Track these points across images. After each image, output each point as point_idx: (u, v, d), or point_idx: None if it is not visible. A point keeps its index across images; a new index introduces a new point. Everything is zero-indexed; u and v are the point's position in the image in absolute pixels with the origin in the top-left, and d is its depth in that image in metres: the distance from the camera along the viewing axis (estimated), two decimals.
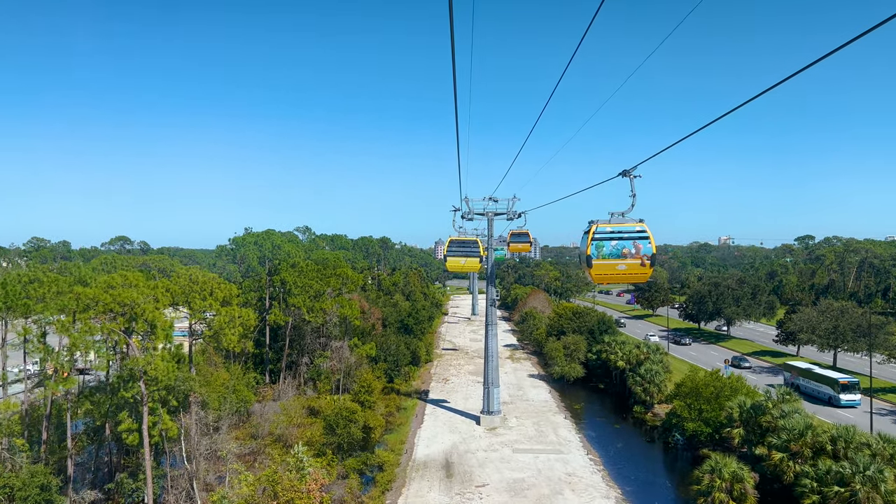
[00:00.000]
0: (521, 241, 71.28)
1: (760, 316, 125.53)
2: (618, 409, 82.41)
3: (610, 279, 25.10)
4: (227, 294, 51.03)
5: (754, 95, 13.64)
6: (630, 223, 24.58)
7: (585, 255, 24.37)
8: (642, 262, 24.25)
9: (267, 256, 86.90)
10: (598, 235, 24.33)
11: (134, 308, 36.49)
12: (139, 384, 37.35)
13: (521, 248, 72.20)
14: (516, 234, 71.79)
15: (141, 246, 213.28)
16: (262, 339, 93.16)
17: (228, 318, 49.73)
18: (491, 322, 72.20)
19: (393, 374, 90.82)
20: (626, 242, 24.22)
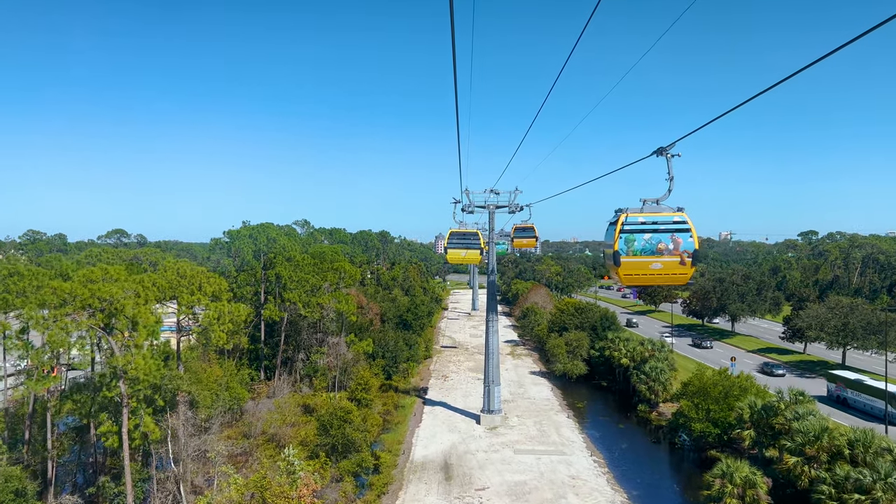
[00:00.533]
0: (526, 236, 67.63)
1: (765, 312, 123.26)
2: (621, 407, 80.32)
3: (642, 280, 20.73)
4: (217, 288, 48.80)
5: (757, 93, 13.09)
6: (667, 212, 20.31)
7: (612, 252, 20.11)
8: (682, 259, 20.09)
9: (262, 250, 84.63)
10: (628, 227, 20.12)
11: (113, 303, 34.27)
12: (119, 384, 35.14)
13: (525, 243, 68.53)
14: (521, 229, 68.03)
15: (138, 239, 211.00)
16: (257, 334, 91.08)
17: (217, 313, 47.49)
18: (492, 318, 69.99)
19: (391, 370, 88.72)
20: (663, 236, 20.06)
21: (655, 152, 19.53)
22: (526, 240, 67.76)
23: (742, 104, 14.09)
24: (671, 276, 20.49)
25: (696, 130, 17.63)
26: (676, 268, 20.18)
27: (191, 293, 46.81)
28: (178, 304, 47.49)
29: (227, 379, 74.23)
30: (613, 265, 20.36)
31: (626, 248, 20.03)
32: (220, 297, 49.09)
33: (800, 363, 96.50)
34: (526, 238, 67.62)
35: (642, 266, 20.13)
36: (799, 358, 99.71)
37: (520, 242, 68.45)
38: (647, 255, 20.04)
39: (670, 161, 19.74)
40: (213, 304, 48.68)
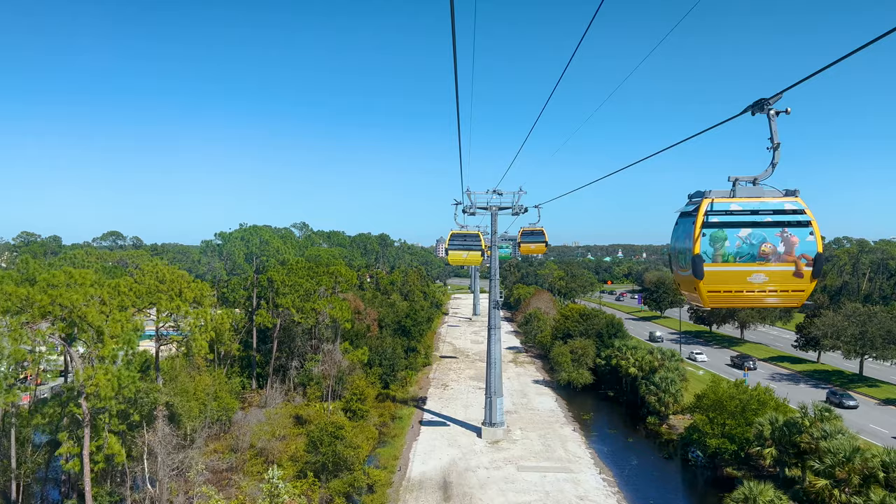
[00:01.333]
0: (535, 241, 61.78)
1: (776, 319, 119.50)
2: (629, 419, 76.62)
3: (737, 299, 13.26)
4: (198, 294, 45.29)
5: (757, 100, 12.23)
6: (773, 196, 13.19)
7: (690, 255, 13.05)
8: (797, 268, 12.82)
9: (254, 253, 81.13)
10: (716, 218, 12.96)
11: (74, 311, 30.76)
12: (81, 401, 31.60)
13: (534, 248, 62.60)
14: (529, 233, 62.19)
15: (134, 241, 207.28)
16: (250, 340, 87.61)
17: (199, 321, 43.97)
18: (494, 326, 66.41)
19: (388, 379, 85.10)
20: (769, 231, 12.88)
21: (753, 107, 13.04)
22: (534, 245, 62.08)
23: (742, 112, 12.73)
24: (781, 293, 13.12)
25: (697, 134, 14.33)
26: (790, 281, 12.97)
27: (170, 299, 43.25)
28: (157, 312, 43.91)
29: (215, 388, 70.85)
30: (691, 276, 13.19)
31: (713, 250, 13.00)
32: (202, 304, 45.53)
33: (814, 373, 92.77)
34: (534, 243, 61.92)
35: (737, 278, 13.08)
36: (812, 367, 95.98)
37: (527, 248, 62.69)
38: (746, 262, 12.94)
39: (774, 121, 13.10)
40: (195, 311, 45.11)
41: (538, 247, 62.61)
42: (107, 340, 32.52)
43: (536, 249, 62.99)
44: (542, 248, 63.04)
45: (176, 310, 43.15)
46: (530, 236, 62.26)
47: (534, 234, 62.12)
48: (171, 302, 42.69)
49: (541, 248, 62.84)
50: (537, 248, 62.86)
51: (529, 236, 62.30)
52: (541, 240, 61.94)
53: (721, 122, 14.82)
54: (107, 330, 32.50)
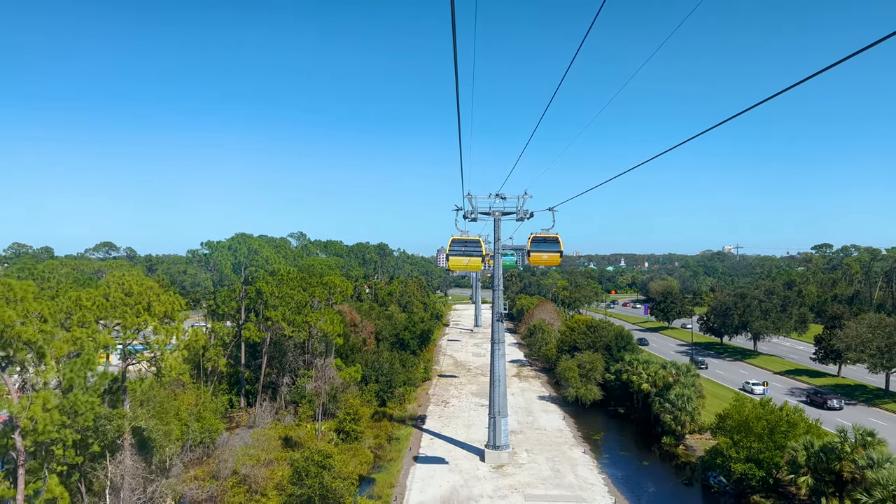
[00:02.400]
0: (549, 250, 53.30)
1: (791, 330, 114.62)
2: (643, 439, 71.61)
3: None
4: (170, 308, 40.57)
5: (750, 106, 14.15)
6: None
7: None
8: None
9: (242, 263, 76.46)
10: None
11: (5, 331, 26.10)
12: (14, 436, 26.85)
13: (547, 258, 53.72)
14: (541, 241, 53.98)
15: (127, 252, 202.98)
16: (240, 355, 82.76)
17: (168, 339, 39.27)
18: (498, 340, 61.57)
19: (385, 396, 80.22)
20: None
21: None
22: (547, 254, 53.35)
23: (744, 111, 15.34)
24: None
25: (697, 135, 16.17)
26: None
27: (136, 314, 38.55)
28: (122, 328, 39.21)
29: (199, 408, 66.06)
30: None
31: None
32: (172, 319, 40.81)
33: (835, 388, 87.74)
34: (547, 252, 53.17)
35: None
36: (834, 381, 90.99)
37: (538, 258, 53.87)
38: None
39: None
40: (166, 327, 40.40)
41: (552, 257, 53.48)
42: (49, 363, 27.85)
43: (550, 260, 53.62)
44: (556, 259, 53.57)
45: (143, 325, 38.42)
46: (542, 244, 53.71)
47: (547, 241, 53.53)
48: (136, 317, 37.95)
49: (555, 258, 53.51)
50: (551, 259, 53.64)
51: (542, 244, 53.77)
52: (555, 249, 53.21)
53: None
54: (49, 351, 27.84)
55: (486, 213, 62.19)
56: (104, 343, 38.16)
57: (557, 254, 53.67)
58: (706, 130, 16.12)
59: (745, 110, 16.01)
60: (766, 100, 14.28)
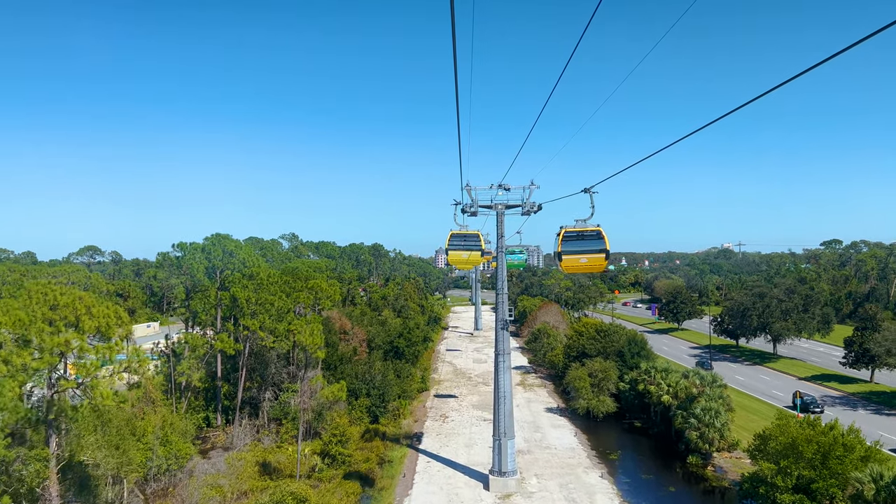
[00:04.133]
0: (588, 250, 37.55)
1: (814, 331, 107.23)
2: (664, 458, 64.09)
3: None
4: (104, 322, 33.08)
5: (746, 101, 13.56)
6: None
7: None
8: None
9: (217, 266, 68.95)
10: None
11: None
12: None
13: (588, 263, 37.94)
14: (577, 237, 37.98)
15: (112, 257, 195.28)
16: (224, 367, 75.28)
17: (101, 360, 31.80)
18: (502, 351, 54.00)
19: (378, 411, 72.72)
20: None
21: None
22: (587, 256, 37.47)
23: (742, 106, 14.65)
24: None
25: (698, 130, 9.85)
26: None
27: (56, 332, 31.05)
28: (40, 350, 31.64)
29: (165, 430, 58.57)
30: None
31: None
32: (108, 336, 33.31)
33: (870, 395, 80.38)
34: (587, 253, 37.37)
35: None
36: (867, 388, 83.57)
37: (573, 262, 37.69)
38: None
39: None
40: (98, 347, 32.89)
41: (593, 260, 37.66)
42: None
43: (591, 265, 37.78)
44: (599, 264, 37.91)
45: (64, 346, 30.91)
46: (579, 242, 37.82)
47: (585, 237, 37.52)
48: (53, 337, 30.44)
49: (598, 262, 37.80)
50: (592, 263, 37.83)
51: (578, 242, 37.87)
52: (598, 247, 37.39)
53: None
54: None
55: (488, 207, 54.82)
56: (24, 364, 30.85)
57: (601, 255, 37.34)
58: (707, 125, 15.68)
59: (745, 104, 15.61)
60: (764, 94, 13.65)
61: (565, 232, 38.01)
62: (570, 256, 37.74)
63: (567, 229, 38.02)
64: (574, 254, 37.40)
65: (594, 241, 37.53)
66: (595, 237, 37.51)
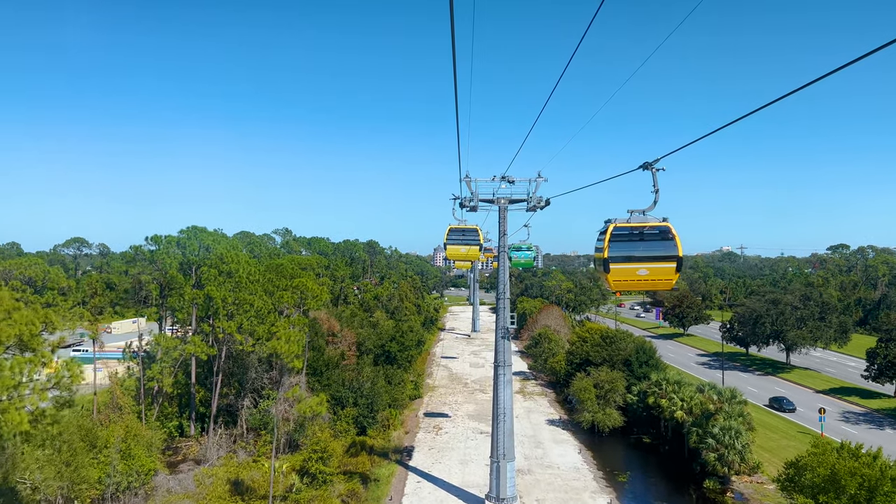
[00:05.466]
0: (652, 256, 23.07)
1: (830, 341, 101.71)
2: (677, 479, 58.47)
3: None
4: (27, 330, 27.39)
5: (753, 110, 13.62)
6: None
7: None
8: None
9: (192, 262, 63.24)
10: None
11: None
12: None
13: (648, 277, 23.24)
14: (633, 236, 23.26)
15: (100, 249, 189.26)
16: (201, 371, 69.70)
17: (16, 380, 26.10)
18: (503, 362, 48.30)
19: (366, 422, 67.06)
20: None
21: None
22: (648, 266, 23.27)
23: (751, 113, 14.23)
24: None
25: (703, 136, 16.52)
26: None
27: None
28: None
29: (128, 442, 52.91)
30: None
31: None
32: (31, 347, 27.61)
33: (895, 411, 74.90)
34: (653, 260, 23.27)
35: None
36: (893, 404, 78.00)
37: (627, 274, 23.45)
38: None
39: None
40: (17, 360, 27.19)
41: (660, 272, 23.26)
42: None
43: (655, 278, 23.34)
44: (668, 277, 23.26)
45: None
46: (637, 244, 23.32)
47: (646, 237, 23.31)
48: None
49: (666, 275, 23.23)
50: (657, 276, 23.33)
51: (635, 244, 23.32)
52: (667, 252, 23.09)
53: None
54: None
55: (489, 201, 49.25)
56: None
57: (671, 265, 22.94)
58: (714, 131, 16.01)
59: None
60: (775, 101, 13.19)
61: (615, 228, 23.02)
62: (622, 266, 22.82)
63: (618, 224, 23.14)
64: (629, 262, 22.82)
65: (660, 242, 22.94)
66: (661, 237, 22.94)
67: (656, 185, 22.07)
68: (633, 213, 23.61)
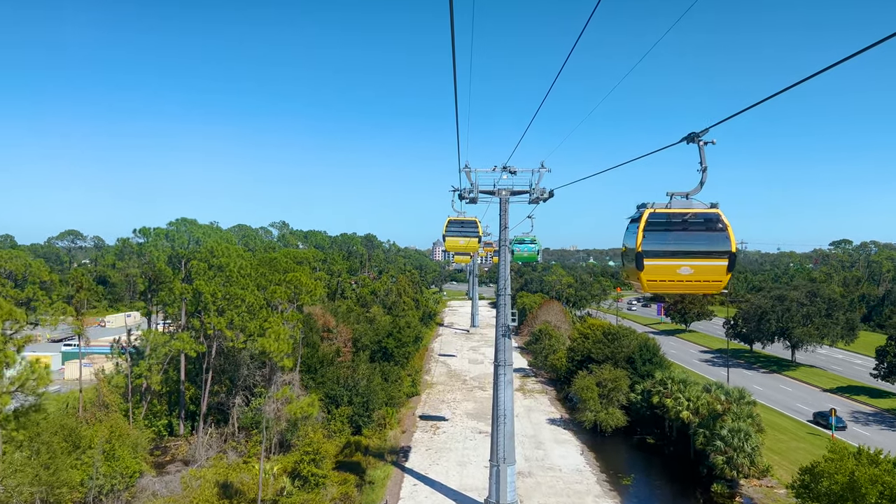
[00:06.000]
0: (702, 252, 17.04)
1: (837, 338, 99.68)
2: (683, 482, 56.39)
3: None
4: None
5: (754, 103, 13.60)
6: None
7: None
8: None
9: (181, 255, 61.00)
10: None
11: None
12: None
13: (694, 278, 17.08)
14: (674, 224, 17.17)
15: (95, 241, 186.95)
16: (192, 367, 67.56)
17: None
18: (504, 362, 46.07)
19: (361, 421, 64.97)
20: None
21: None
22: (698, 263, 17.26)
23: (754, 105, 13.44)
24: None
25: None
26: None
27: None
28: None
29: (113, 443, 50.83)
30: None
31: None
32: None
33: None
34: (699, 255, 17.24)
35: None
36: None
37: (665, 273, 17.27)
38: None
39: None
40: None
41: (707, 271, 17.10)
42: None
43: (702, 279, 17.14)
44: (718, 278, 17.14)
45: None
46: (679, 235, 17.21)
47: (690, 226, 17.30)
48: None
49: (715, 274, 17.08)
50: (705, 276, 17.12)
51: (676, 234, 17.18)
52: (717, 247, 17.01)
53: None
54: None
55: (490, 193, 46.91)
56: None
57: (722, 262, 16.98)
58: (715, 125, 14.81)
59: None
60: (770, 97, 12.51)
61: (651, 215, 17.30)
62: (659, 263, 17.03)
63: (655, 209, 17.40)
64: (668, 257, 17.09)
65: (708, 234, 17.21)
66: (709, 227, 17.22)
67: (704, 163, 16.64)
68: (674, 196, 17.22)
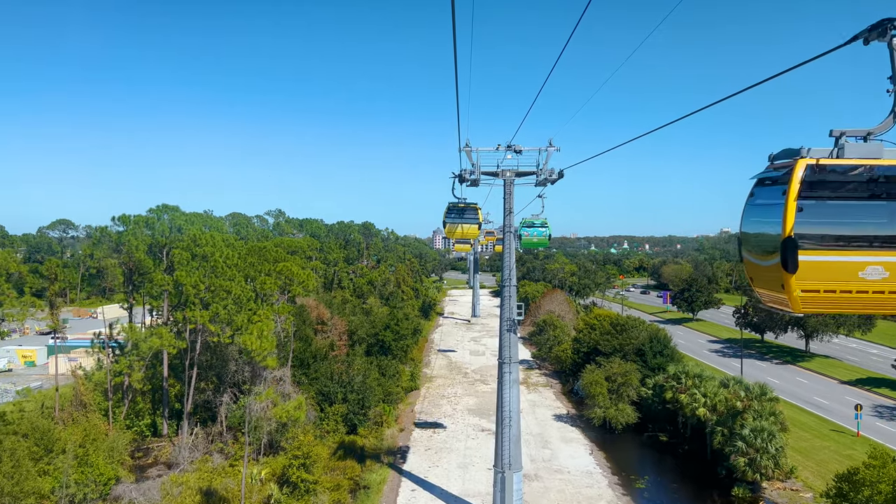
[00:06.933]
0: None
1: (854, 327, 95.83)
2: (700, 484, 52.69)
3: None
4: None
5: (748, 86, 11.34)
6: None
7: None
8: None
9: (161, 244, 56.99)
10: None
11: None
12: None
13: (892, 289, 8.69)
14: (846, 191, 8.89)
15: (86, 231, 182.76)
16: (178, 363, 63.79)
17: None
18: (508, 359, 42.13)
19: (357, 419, 61.19)
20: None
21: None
22: None
23: None
24: None
25: None
26: None
27: None
28: None
29: (87, 447, 47.12)
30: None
31: None
32: None
33: None
34: None
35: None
36: None
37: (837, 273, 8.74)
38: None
39: None
40: None
41: None
42: None
43: None
44: None
45: None
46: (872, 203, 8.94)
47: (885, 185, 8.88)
48: None
49: None
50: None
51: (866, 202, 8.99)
52: None
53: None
54: None
55: (493, 174, 42.79)
56: None
57: None
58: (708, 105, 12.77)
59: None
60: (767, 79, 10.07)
61: (809, 169, 8.77)
62: (827, 259, 8.74)
63: (818, 159, 8.80)
64: (845, 248, 8.78)
65: None
66: None
67: None
68: (845, 137, 8.99)
